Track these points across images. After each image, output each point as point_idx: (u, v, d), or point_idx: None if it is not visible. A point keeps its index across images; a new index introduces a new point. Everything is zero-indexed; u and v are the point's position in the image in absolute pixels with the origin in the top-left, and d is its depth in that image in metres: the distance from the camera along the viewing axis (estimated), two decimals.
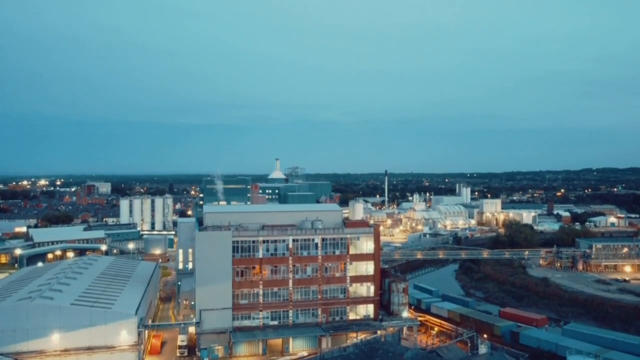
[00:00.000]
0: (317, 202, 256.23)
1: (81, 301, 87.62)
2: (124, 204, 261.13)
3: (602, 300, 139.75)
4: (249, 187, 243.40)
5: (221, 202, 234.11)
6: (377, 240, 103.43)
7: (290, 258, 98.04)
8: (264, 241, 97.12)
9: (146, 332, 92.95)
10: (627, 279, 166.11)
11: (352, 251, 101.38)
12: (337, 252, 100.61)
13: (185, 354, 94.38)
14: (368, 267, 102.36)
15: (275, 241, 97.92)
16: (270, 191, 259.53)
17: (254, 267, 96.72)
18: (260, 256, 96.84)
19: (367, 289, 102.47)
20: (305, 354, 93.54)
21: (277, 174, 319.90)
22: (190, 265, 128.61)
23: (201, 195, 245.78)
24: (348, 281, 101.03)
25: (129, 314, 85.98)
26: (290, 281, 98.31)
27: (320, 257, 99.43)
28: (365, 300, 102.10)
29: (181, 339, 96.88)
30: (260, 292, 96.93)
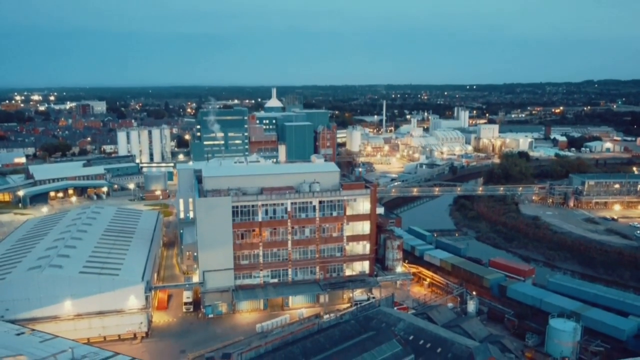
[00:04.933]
0: (315, 132, 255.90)
1: (89, 267, 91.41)
2: (121, 135, 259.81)
3: (589, 243, 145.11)
4: (245, 118, 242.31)
5: (218, 134, 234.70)
6: (373, 201, 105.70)
7: (289, 221, 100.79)
8: (263, 205, 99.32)
9: (153, 291, 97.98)
10: (615, 217, 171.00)
11: (348, 212, 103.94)
12: (334, 214, 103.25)
13: (191, 309, 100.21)
14: (364, 227, 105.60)
15: (274, 205, 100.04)
16: (267, 121, 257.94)
17: (253, 230, 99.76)
18: (260, 220, 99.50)
19: (363, 247, 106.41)
20: (304, 310, 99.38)
21: (274, 102, 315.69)
22: (191, 214, 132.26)
23: (198, 126, 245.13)
24: (345, 240, 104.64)
25: (135, 281, 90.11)
26: (289, 242, 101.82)
27: (317, 218, 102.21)
28: (361, 258, 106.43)
29: (186, 296, 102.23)
30: (260, 253, 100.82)
